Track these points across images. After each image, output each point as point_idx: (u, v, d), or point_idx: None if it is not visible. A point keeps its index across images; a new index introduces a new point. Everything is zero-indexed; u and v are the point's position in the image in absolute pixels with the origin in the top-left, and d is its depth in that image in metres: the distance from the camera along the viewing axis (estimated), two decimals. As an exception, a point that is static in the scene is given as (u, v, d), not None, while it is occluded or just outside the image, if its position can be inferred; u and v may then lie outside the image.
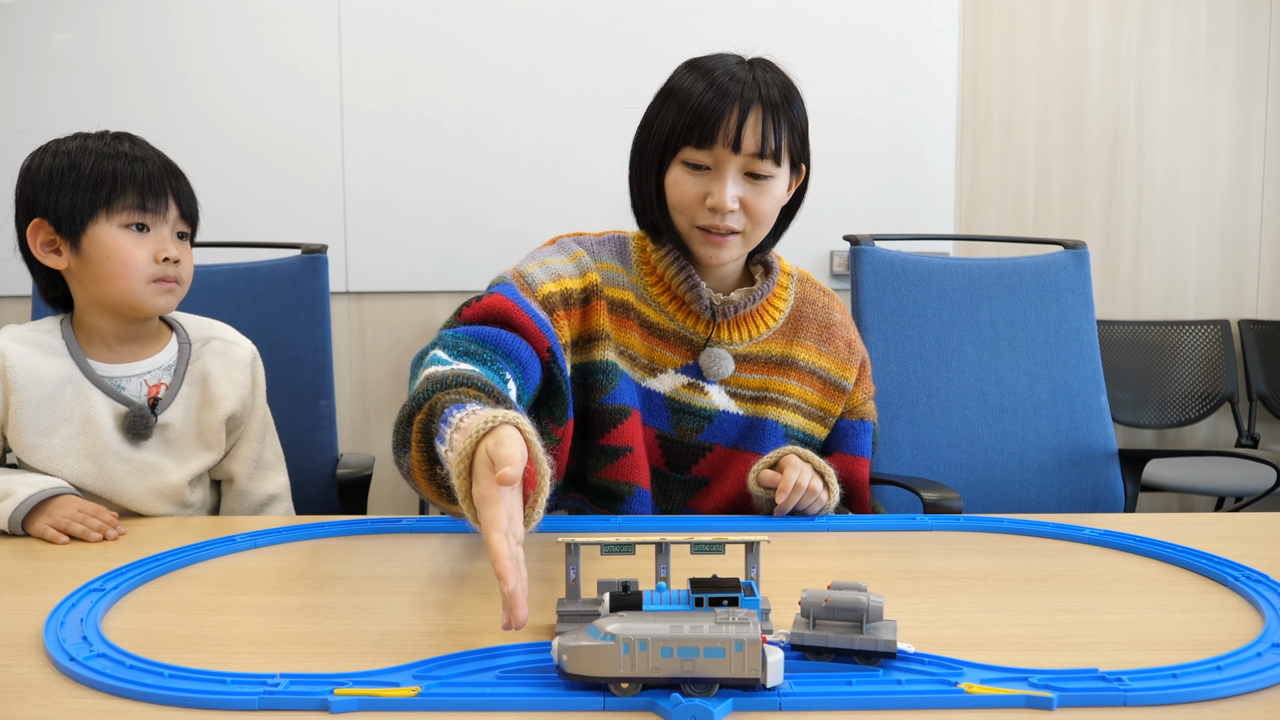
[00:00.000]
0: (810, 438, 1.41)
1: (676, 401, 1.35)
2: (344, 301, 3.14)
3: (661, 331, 1.35)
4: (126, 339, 1.36)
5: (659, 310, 1.35)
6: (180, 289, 1.34)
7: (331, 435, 1.87)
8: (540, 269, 1.28)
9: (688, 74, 1.28)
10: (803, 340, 1.40)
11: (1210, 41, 3.39)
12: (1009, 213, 3.42)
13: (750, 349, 1.38)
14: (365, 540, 1.15)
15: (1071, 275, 1.95)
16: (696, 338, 1.35)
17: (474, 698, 0.69)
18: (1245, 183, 3.45)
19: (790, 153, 1.28)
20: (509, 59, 3.13)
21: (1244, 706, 0.69)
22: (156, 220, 1.31)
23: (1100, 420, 1.90)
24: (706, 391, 1.35)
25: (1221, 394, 3.35)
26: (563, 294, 1.27)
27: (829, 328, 1.42)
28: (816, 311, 1.42)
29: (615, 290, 1.33)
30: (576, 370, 1.30)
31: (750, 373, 1.37)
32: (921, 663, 0.75)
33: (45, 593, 0.94)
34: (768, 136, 1.24)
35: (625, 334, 1.33)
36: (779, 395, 1.38)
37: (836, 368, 1.41)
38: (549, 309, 1.25)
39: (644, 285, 1.36)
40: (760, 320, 1.39)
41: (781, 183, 1.29)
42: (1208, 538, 1.12)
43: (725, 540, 0.82)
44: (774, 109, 1.24)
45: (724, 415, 1.36)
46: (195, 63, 3.03)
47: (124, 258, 1.28)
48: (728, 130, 1.23)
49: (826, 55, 3.20)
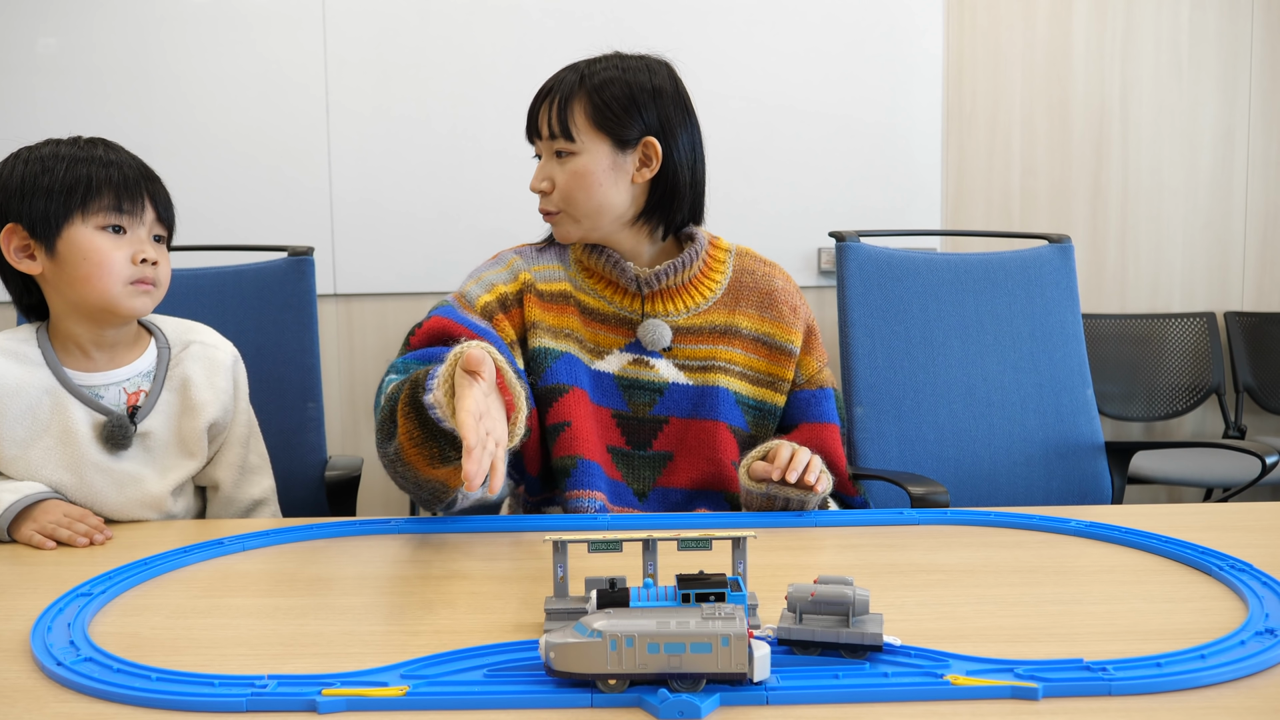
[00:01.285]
0: (763, 403, 1.44)
1: (625, 379, 1.40)
2: (332, 304, 3.14)
3: (601, 315, 1.42)
4: (104, 345, 1.33)
5: (595, 296, 1.42)
6: (158, 291, 1.32)
7: (320, 437, 1.86)
8: (476, 285, 1.40)
9: None
10: (744, 309, 1.45)
11: (1193, 35, 3.41)
12: (995, 208, 3.43)
13: (691, 320, 1.43)
14: (352, 542, 1.15)
15: (1056, 269, 1.96)
16: (634, 315, 1.42)
17: (462, 696, 0.69)
18: (1229, 175, 3.47)
19: (602, 130, 1.35)
20: (495, 59, 3.13)
21: (1227, 694, 0.70)
22: (133, 222, 1.28)
23: (1087, 413, 1.91)
24: (653, 365, 1.41)
25: (1208, 386, 3.37)
26: (499, 300, 1.39)
27: (770, 294, 1.46)
28: (757, 280, 1.47)
29: (552, 284, 1.42)
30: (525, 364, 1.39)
31: (694, 343, 1.42)
32: (908, 655, 0.75)
33: (32, 598, 0.93)
34: (552, 119, 1.36)
35: (566, 319, 1.40)
36: (725, 363, 1.42)
37: (781, 332, 1.45)
38: (488, 316, 1.37)
39: (580, 277, 1.44)
40: (697, 291, 1.44)
41: (587, 159, 1.36)
42: (1192, 528, 1.12)
43: (712, 536, 0.82)
44: (565, 93, 1.36)
45: (673, 387, 1.41)
46: (180, 66, 3.03)
47: (100, 259, 1.26)
48: (534, 120, 1.39)
49: (812, 53, 3.21)
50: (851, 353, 1.87)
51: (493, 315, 1.37)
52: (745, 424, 1.43)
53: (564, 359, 1.38)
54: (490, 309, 1.37)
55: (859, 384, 1.87)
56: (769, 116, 3.16)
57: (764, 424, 1.45)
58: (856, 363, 1.86)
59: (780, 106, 3.19)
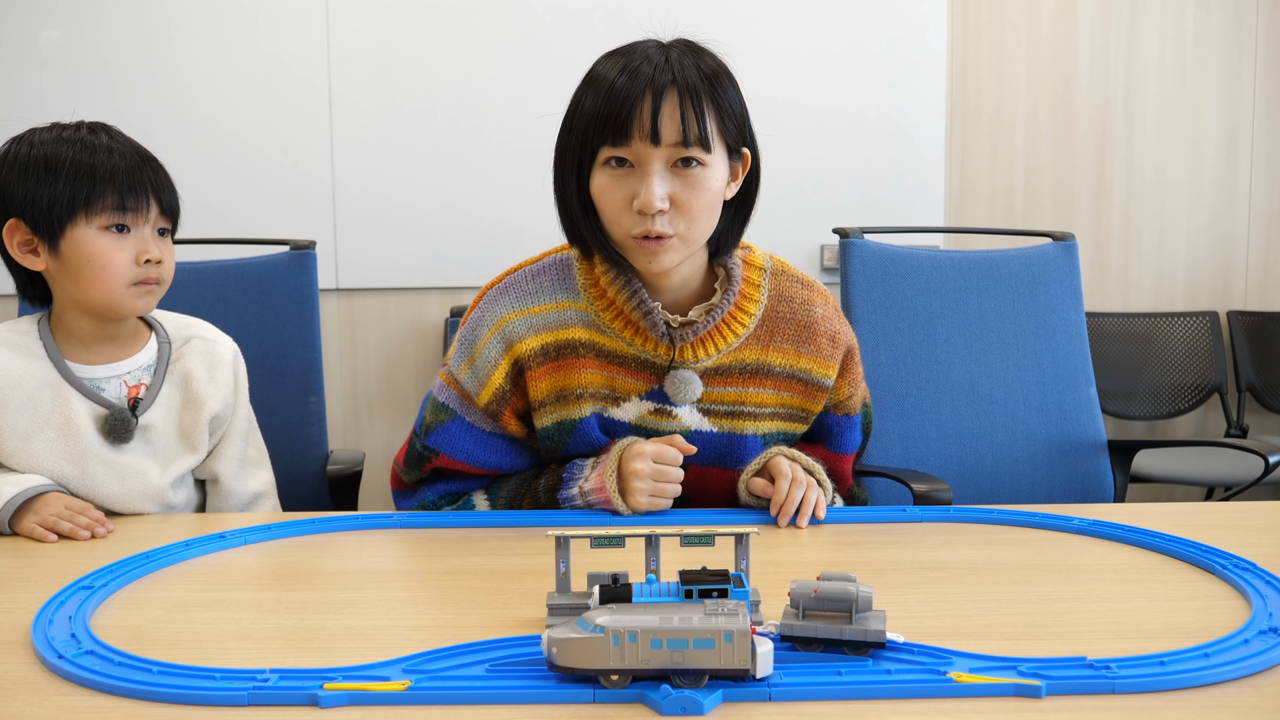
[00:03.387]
0: (790, 435, 1.34)
1: (643, 429, 1.27)
2: (334, 298, 3.14)
3: (621, 358, 1.25)
4: (105, 339, 1.34)
5: (614, 336, 1.24)
6: (161, 289, 1.32)
7: (321, 432, 1.86)
8: (470, 374, 1.26)
9: (605, 60, 1.18)
10: (779, 344, 1.28)
11: (1198, 35, 3.40)
12: (998, 206, 3.42)
13: (720, 361, 1.26)
14: (354, 536, 1.15)
15: (1060, 267, 1.96)
16: (659, 360, 1.24)
17: (464, 691, 0.69)
18: (1233, 175, 3.46)
19: (724, 138, 1.16)
20: (499, 51, 3.12)
21: (1231, 693, 0.70)
22: (137, 220, 1.28)
23: (1090, 411, 1.90)
24: (675, 415, 1.27)
25: (1210, 385, 3.37)
26: (496, 395, 1.25)
27: (809, 326, 1.28)
28: (795, 310, 1.28)
29: (556, 333, 1.24)
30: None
31: (722, 386, 1.27)
32: (911, 652, 0.75)
33: (33, 590, 0.93)
34: (689, 122, 1.11)
35: (575, 376, 1.24)
36: (755, 408, 1.28)
37: (818, 367, 1.29)
38: (495, 416, 1.27)
39: (595, 311, 1.24)
40: (728, 330, 1.25)
41: (717, 173, 1.16)
42: (1195, 526, 1.12)
43: (715, 533, 0.82)
44: (693, 92, 1.12)
45: (696, 435, 1.27)
46: (183, 58, 3.02)
47: (104, 262, 1.25)
48: (643, 121, 1.11)
49: (816, 50, 3.20)
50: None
51: (498, 415, 1.26)
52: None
53: (579, 428, 1.26)
54: (493, 408, 1.25)
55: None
56: (772, 112, 3.16)
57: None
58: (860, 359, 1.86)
59: (784, 103, 3.18)
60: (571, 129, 1.18)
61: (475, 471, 1.30)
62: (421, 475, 1.32)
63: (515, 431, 1.29)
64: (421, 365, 3.24)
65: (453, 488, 1.32)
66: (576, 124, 1.17)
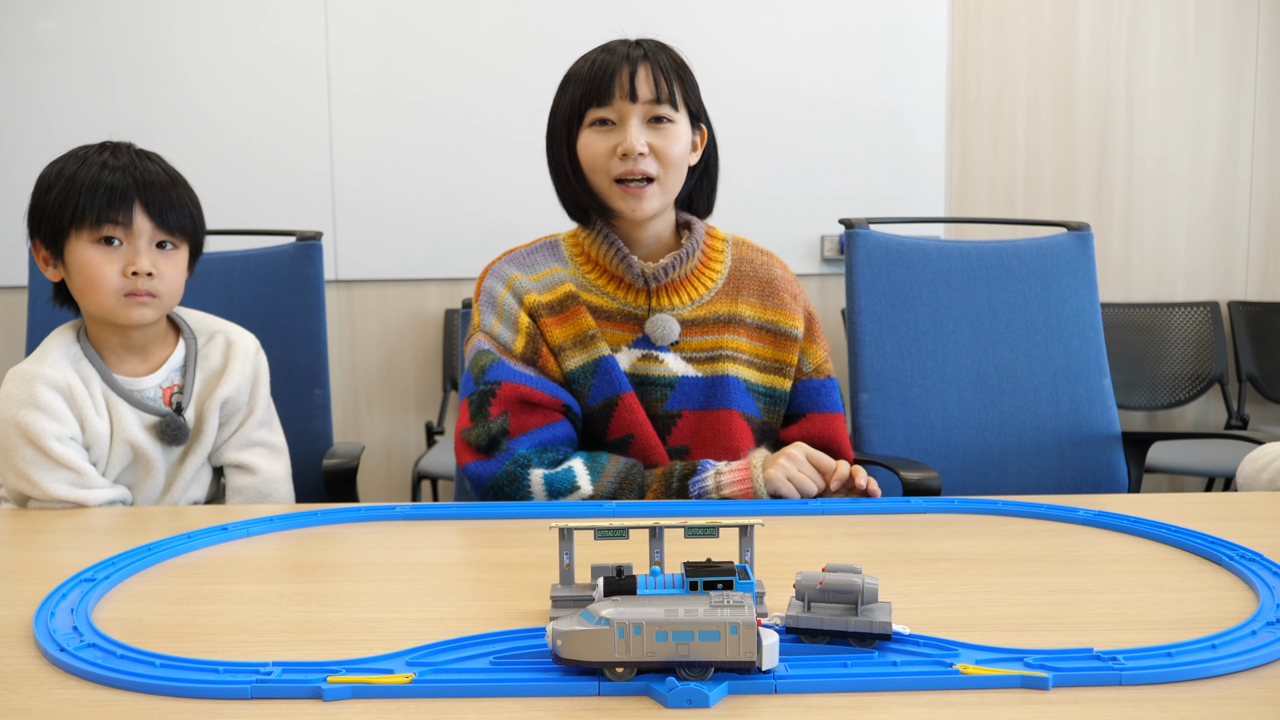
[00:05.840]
0: (773, 390, 1.45)
1: (636, 375, 1.39)
2: (333, 290, 3.13)
3: (607, 313, 1.41)
4: (131, 348, 1.39)
5: (599, 293, 1.41)
6: (159, 301, 1.35)
7: (326, 424, 1.86)
8: (501, 325, 1.39)
9: (579, 59, 1.38)
10: (745, 297, 1.45)
11: (1199, 24, 3.39)
12: (999, 196, 3.42)
13: (695, 312, 1.42)
14: (357, 528, 1.15)
15: (1074, 257, 1.94)
16: (640, 310, 1.41)
17: (468, 684, 0.69)
18: (1234, 165, 3.46)
19: (687, 104, 1.36)
20: (499, 41, 3.11)
21: (1238, 685, 0.69)
22: (127, 234, 1.32)
23: (1103, 402, 1.89)
24: (662, 360, 1.40)
25: (1211, 375, 3.36)
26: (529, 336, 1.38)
27: (770, 282, 1.46)
28: (756, 269, 1.47)
29: (556, 290, 1.40)
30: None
31: (700, 335, 1.41)
32: (917, 644, 0.75)
33: (35, 583, 0.93)
34: (660, 84, 1.33)
35: (582, 321, 1.38)
36: (733, 352, 1.42)
37: (784, 318, 1.45)
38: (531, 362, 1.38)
39: (582, 274, 1.42)
40: (699, 283, 1.43)
41: (684, 131, 1.35)
42: (1201, 517, 1.12)
43: (719, 524, 0.82)
44: (662, 65, 1.33)
45: (684, 380, 1.40)
46: (181, 49, 3.01)
47: (92, 273, 1.31)
48: (623, 82, 1.32)
49: (817, 40, 3.19)
50: (859, 339, 1.86)
51: (535, 359, 1.37)
52: (757, 410, 1.43)
53: (601, 367, 1.37)
54: (529, 354, 1.37)
55: (866, 371, 1.86)
56: (772, 103, 3.15)
57: (775, 410, 1.45)
58: (864, 349, 1.86)
59: (783, 93, 3.17)
60: (558, 107, 1.38)
61: (547, 399, 1.35)
62: (490, 423, 1.34)
63: (555, 372, 1.37)
64: (421, 356, 3.24)
65: (543, 437, 1.35)
66: (563, 101, 1.37)
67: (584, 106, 1.34)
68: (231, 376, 1.43)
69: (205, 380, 1.42)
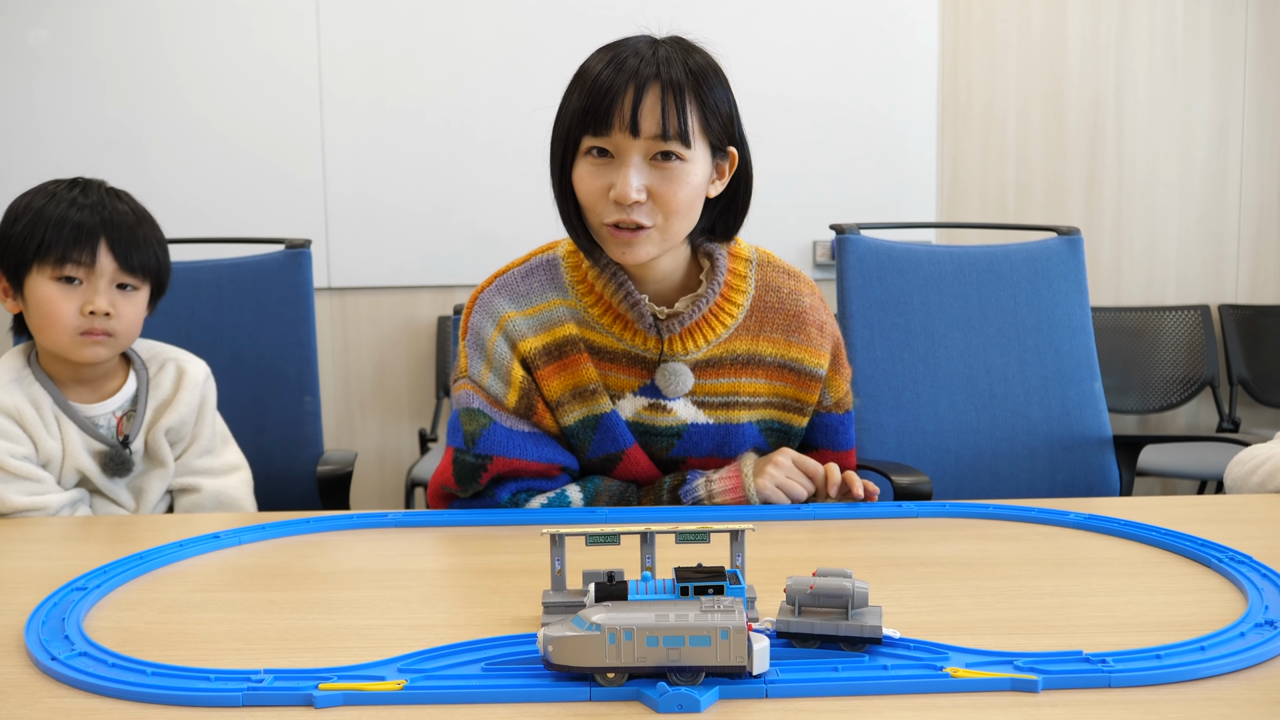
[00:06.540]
0: (788, 426, 1.34)
1: (640, 425, 1.28)
2: (326, 298, 3.13)
3: (611, 354, 1.26)
4: (80, 381, 1.40)
5: (604, 332, 1.25)
6: (114, 340, 1.36)
7: (317, 431, 1.85)
8: (492, 376, 1.26)
9: (595, 55, 1.19)
10: (769, 334, 1.28)
11: (1188, 28, 3.41)
12: (990, 201, 3.43)
13: (711, 353, 1.27)
14: (348, 535, 1.15)
15: (1065, 261, 1.95)
16: (649, 354, 1.25)
17: (460, 690, 0.69)
18: (1224, 168, 3.47)
19: (706, 135, 1.17)
20: (490, 49, 3.12)
21: (1227, 686, 0.70)
22: (88, 274, 1.33)
23: (1095, 406, 1.90)
24: (670, 409, 1.27)
25: (1202, 378, 3.38)
26: (522, 390, 1.25)
27: (798, 315, 1.30)
28: (782, 299, 1.29)
29: (553, 330, 1.25)
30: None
31: (715, 378, 1.27)
32: (907, 648, 0.75)
33: (26, 592, 0.93)
34: (669, 116, 1.12)
35: (581, 371, 1.25)
36: (749, 398, 1.29)
37: (809, 356, 1.30)
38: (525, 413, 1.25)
39: (584, 308, 1.25)
40: (717, 320, 1.26)
41: (697, 168, 1.16)
42: (1191, 520, 1.12)
43: (710, 529, 0.82)
44: (675, 87, 1.13)
45: (693, 428, 1.28)
46: (173, 57, 3.01)
47: (49, 310, 1.32)
48: (623, 112, 1.12)
49: (807, 45, 3.20)
50: (850, 345, 1.87)
51: (530, 413, 1.25)
52: (766, 445, 1.34)
53: (602, 424, 1.26)
54: (523, 408, 1.25)
55: (857, 375, 1.86)
56: (763, 108, 3.16)
57: (786, 442, 1.35)
58: (855, 355, 1.86)
59: (774, 98, 3.18)
60: (559, 120, 1.20)
61: (537, 468, 1.25)
62: (480, 488, 1.26)
63: (552, 427, 1.27)
64: (413, 364, 3.24)
65: (522, 486, 1.27)
66: (563, 115, 1.19)
67: (578, 131, 1.16)
68: (177, 407, 1.43)
69: (155, 409, 1.43)
